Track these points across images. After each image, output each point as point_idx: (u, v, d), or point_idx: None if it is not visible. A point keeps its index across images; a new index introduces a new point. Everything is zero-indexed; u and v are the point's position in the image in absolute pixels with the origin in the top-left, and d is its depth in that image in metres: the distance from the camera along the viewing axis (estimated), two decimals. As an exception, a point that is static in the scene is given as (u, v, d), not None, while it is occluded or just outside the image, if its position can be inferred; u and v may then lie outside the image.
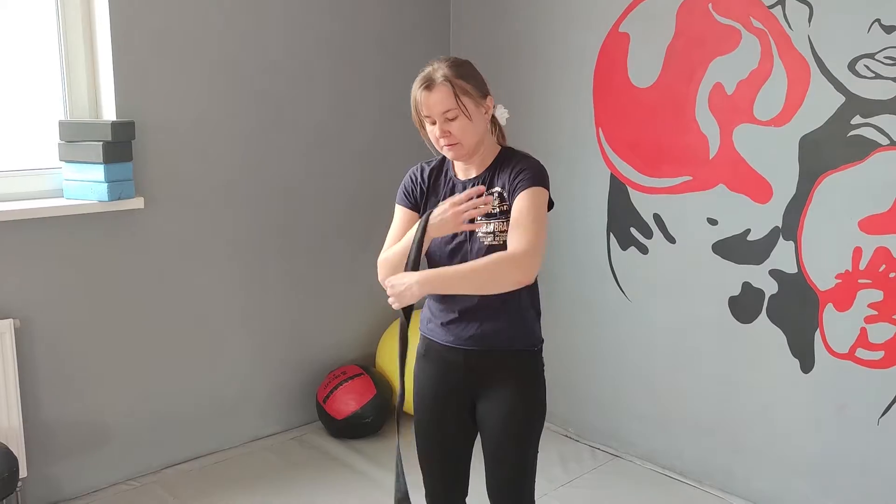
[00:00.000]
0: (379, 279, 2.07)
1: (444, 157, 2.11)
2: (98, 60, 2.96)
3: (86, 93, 2.98)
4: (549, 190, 2.01)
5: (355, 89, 3.64)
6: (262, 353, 3.52)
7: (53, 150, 2.91)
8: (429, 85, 1.95)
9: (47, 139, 2.93)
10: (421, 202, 2.11)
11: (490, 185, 2.02)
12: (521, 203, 1.95)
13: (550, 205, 2.03)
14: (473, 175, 2.05)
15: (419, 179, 2.12)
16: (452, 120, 1.95)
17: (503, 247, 1.96)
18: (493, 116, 2.07)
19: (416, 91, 1.98)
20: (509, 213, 1.98)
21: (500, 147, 2.09)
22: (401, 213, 2.13)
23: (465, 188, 2.04)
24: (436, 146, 2.03)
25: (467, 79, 1.97)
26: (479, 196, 1.97)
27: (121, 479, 3.14)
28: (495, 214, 1.99)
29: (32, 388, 2.87)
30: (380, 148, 3.73)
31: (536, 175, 1.99)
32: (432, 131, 1.99)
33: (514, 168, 2.00)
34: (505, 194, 1.99)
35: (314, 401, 3.62)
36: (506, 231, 1.97)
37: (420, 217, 2.06)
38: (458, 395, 2.09)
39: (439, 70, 1.96)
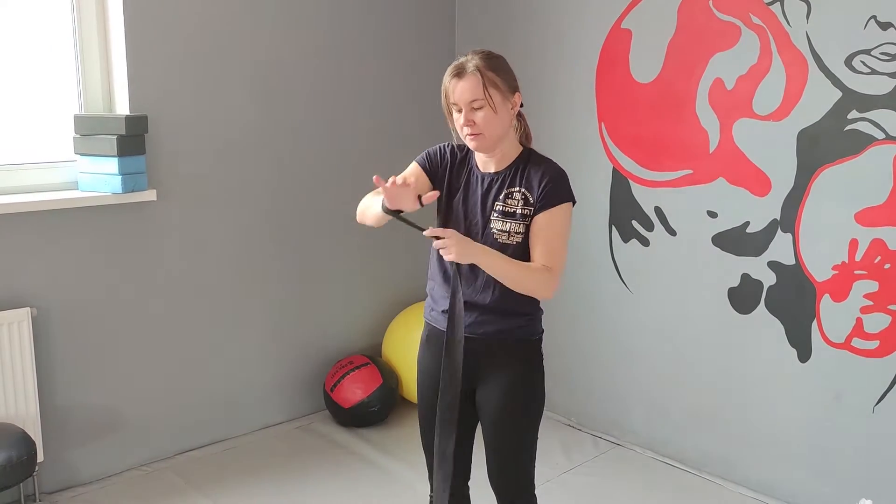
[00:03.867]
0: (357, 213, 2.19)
1: (468, 148, 2.14)
2: (112, 56, 3.02)
3: (100, 88, 3.04)
4: (573, 198, 2.08)
5: (364, 85, 3.70)
6: (270, 342, 3.59)
7: (68, 144, 2.98)
8: (459, 73, 2.00)
9: (62, 133, 2.99)
10: (437, 173, 2.15)
11: (511, 183, 2.06)
12: (555, 221, 2.03)
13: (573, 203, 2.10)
14: (493, 170, 2.09)
15: (447, 154, 2.16)
16: (478, 110, 1.99)
17: (516, 248, 2.03)
18: (521, 114, 2.12)
19: (447, 79, 2.03)
20: (528, 217, 2.03)
21: (522, 147, 2.12)
22: (413, 169, 2.17)
23: (483, 180, 2.09)
24: (460, 134, 2.06)
25: (498, 72, 2.01)
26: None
27: (134, 464, 3.21)
28: (513, 214, 2.04)
29: (49, 375, 2.94)
30: (387, 142, 3.80)
31: (565, 188, 2.06)
32: (457, 119, 2.03)
33: (542, 177, 2.04)
34: (531, 198, 2.03)
35: (322, 390, 3.69)
36: (521, 233, 2.03)
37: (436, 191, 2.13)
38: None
39: (472, 60, 2.00)
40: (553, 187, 2.03)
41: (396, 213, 2.01)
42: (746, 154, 2.99)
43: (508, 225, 2.04)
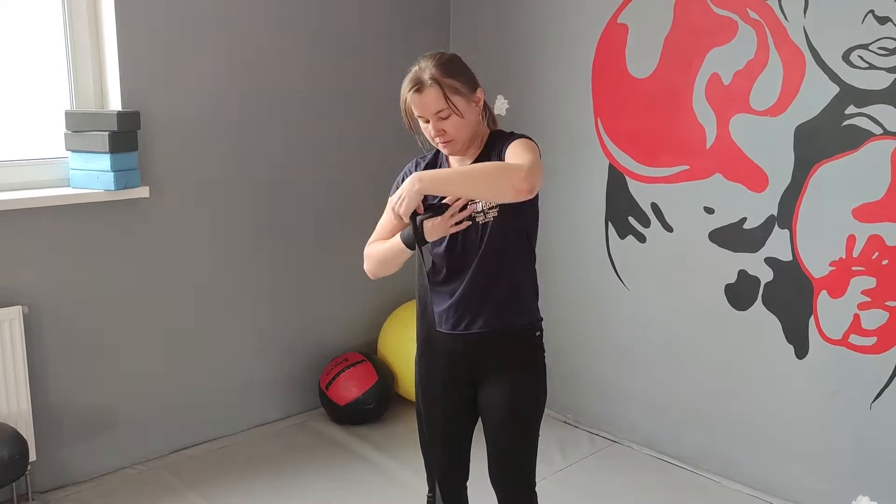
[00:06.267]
0: (365, 269, 2.13)
1: (437, 151, 2.14)
2: (104, 51, 3.00)
3: (92, 83, 3.01)
4: (534, 140, 2.03)
5: (357, 81, 3.68)
6: (265, 340, 3.57)
7: (60, 140, 2.96)
8: (418, 87, 1.97)
9: (54, 129, 2.96)
10: None
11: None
12: (513, 146, 1.98)
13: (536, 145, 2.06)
14: (468, 163, 2.07)
15: None
16: (445, 119, 1.98)
17: (494, 223, 2.00)
18: (484, 103, 2.09)
19: (406, 93, 2.00)
20: None
21: (489, 131, 2.12)
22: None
23: None
24: (431, 142, 2.06)
25: (455, 76, 1.98)
26: (462, 210, 1.98)
27: (128, 463, 3.19)
28: None
29: (41, 374, 2.92)
30: (381, 139, 3.77)
31: (522, 136, 2.04)
32: (427, 129, 2.02)
33: (503, 142, 2.03)
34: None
35: (317, 387, 3.67)
36: (495, 208, 2.00)
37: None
38: (458, 381, 2.13)
39: (426, 70, 1.97)
40: (511, 137, 2.03)
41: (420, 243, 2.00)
42: (743, 149, 2.98)
43: (480, 204, 2.00)
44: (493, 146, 2.07)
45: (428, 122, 2.00)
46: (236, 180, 3.36)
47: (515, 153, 1.96)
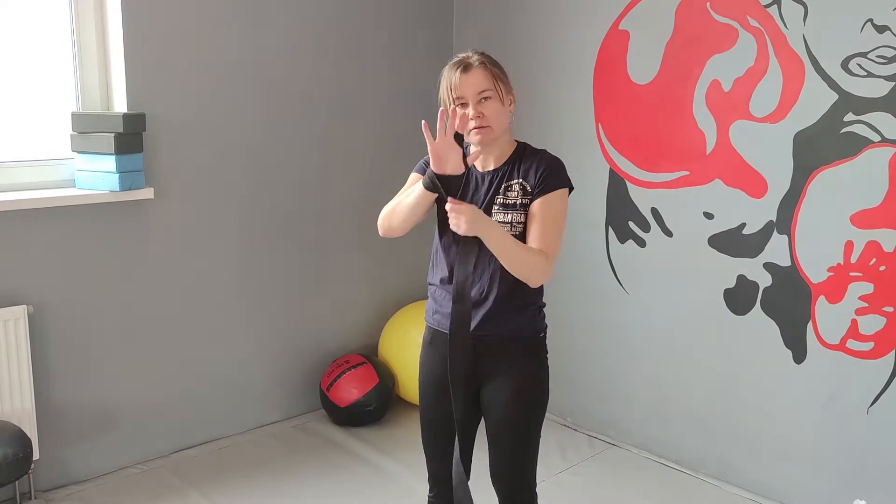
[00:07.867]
0: (378, 224, 2.18)
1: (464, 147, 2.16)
2: (110, 53, 3.02)
3: (98, 85, 3.04)
4: (570, 184, 2.10)
5: (360, 85, 3.71)
6: (267, 341, 3.59)
7: (66, 141, 2.98)
8: (466, 67, 2.02)
9: (60, 130, 2.99)
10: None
11: (510, 176, 2.08)
12: (550, 206, 2.04)
13: (570, 189, 2.12)
14: (492, 167, 2.11)
15: None
16: (486, 101, 2.02)
17: (518, 238, 2.04)
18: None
19: (451, 73, 2.04)
20: (527, 207, 2.05)
21: (516, 142, 2.15)
22: (413, 178, 2.19)
23: (483, 178, 2.10)
24: (462, 132, 2.06)
25: (499, 68, 2.08)
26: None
27: (129, 462, 3.21)
28: (514, 206, 2.05)
29: (45, 373, 2.94)
30: (384, 142, 3.80)
31: (561, 174, 2.08)
32: (462, 115, 2.03)
33: (539, 165, 2.07)
34: (528, 188, 2.05)
35: (318, 389, 3.69)
36: (523, 223, 2.05)
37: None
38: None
39: (475, 56, 2.05)
40: (549, 174, 2.06)
41: (442, 181, 1.98)
42: (743, 156, 3.01)
43: (510, 216, 2.05)
44: (522, 164, 2.08)
45: (466, 105, 2.02)
46: (241, 182, 3.38)
47: (548, 232, 2.03)
